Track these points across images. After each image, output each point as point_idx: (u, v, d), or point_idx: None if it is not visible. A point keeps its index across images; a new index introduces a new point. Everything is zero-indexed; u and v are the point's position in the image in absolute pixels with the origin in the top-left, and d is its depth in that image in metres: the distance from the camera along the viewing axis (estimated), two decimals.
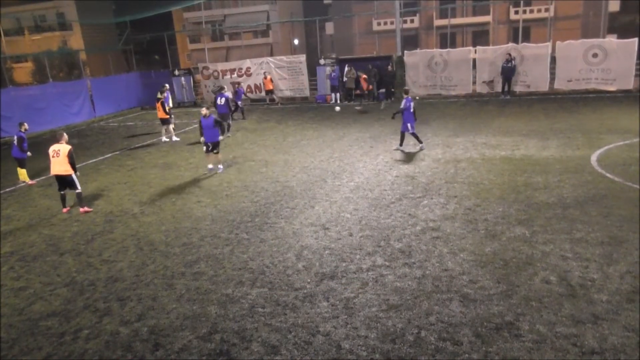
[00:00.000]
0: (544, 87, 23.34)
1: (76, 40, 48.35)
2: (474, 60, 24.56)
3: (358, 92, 25.82)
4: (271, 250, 8.28)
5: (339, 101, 25.76)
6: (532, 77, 23.31)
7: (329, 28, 51.67)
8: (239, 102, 22.61)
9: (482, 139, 15.05)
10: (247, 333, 5.95)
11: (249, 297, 6.78)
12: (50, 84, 26.32)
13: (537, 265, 7.02)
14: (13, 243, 9.65)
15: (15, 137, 13.93)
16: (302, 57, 27.60)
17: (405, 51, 25.57)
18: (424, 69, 25.10)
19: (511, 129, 16.19)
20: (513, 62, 22.94)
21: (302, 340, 5.73)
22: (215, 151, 13.63)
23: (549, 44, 23.52)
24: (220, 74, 28.91)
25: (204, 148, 13.74)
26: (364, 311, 6.23)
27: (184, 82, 29.57)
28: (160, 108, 18.62)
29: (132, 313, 6.62)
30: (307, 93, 27.59)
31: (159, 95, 19.03)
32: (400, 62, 25.31)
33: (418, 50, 26.61)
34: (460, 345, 5.39)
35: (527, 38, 37.89)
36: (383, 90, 24.96)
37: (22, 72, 44.34)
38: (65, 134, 11.28)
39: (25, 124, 14.26)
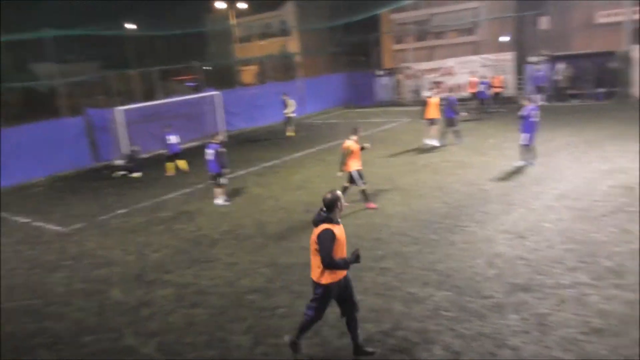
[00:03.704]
0: None
1: (294, 44, 53.13)
2: None
3: (574, 91, 23.35)
4: (460, 254, 8.05)
5: (540, 102, 23.45)
6: None
7: (544, 22, 47.49)
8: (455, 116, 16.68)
9: None
10: (429, 335, 5.91)
11: (434, 299, 6.71)
12: (269, 84, 29.44)
13: None
14: (230, 223, 11.11)
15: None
16: (509, 55, 26.01)
17: (634, 45, 22.20)
18: None
19: None
20: None
21: (486, 351, 5.48)
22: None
23: None
24: (422, 73, 28.95)
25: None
26: (560, 331, 5.68)
27: (386, 82, 30.37)
28: (435, 108, 16.43)
29: None
30: (512, 93, 25.93)
31: (428, 94, 16.93)
32: (626, 58, 22.11)
33: None
34: None
35: None
36: (602, 90, 22.19)
37: (249, 74, 50.48)
38: (358, 130, 11.72)
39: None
